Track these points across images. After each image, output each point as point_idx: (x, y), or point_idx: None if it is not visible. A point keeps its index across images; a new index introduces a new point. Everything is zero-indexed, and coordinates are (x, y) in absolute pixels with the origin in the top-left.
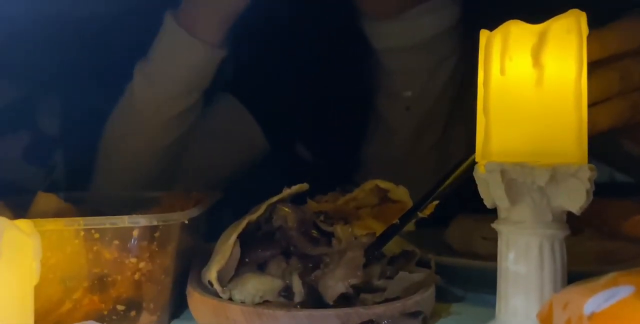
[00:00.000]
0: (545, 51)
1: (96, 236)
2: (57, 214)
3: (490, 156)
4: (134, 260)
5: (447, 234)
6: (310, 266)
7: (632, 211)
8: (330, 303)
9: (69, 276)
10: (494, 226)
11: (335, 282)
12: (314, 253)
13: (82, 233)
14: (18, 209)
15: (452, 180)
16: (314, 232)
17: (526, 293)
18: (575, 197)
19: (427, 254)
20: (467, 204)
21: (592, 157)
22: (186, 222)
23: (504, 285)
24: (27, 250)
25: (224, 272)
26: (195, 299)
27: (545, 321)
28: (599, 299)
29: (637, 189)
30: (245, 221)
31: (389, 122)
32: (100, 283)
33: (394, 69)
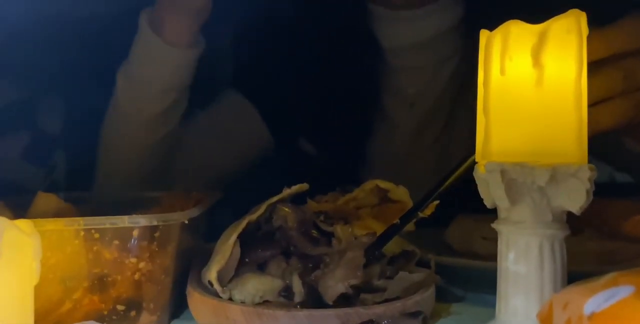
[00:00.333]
0: (545, 51)
1: (96, 236)
2: (57, 214)
3: (490, 156)
4: (134, 260)
5: (447, 234)
6: (310, 266)
7: (632, 211)
8: (330, 303)
9: (69, 276)
10: (494, 226)
11: (335, 282)
12: (314, 252)
13: (82, 233)
14: (18, 209)
15: (452, 180)
16: (314, 232)
17: (526, 293)
18: (575, 197)
19: (427, 254)
20: (467, 204)
21: (593, 156)
22: (186, 222)
23: (504, 285)
24: (27, 250)
25: (224, 272)
26: (195, 299)
27: (545, 321)
28: (599, 299)
29: (637, 189)
30: (245, 221)
31: (392, 118)
32: (100, 283)
33: (399, 67)
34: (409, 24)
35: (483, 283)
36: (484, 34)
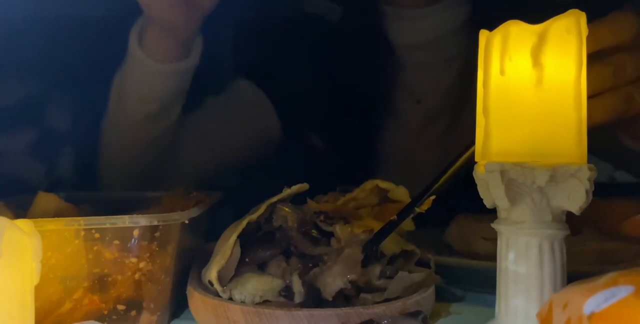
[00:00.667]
0: (545, 51)
1: (96, 235)
2: (57, 214)
3: (490, 156)
4: (134, 260)
5: (447, 234)
6: (310, 265)
7: (632, 211)
8: (329, 298)
9: (69, 275)
10: (494, 226)
11: (334, 278)
12: (314, 252)
13: (82, 233)
14: (18, 209)
15: (449, 175)
16: (314, 232)
17: (526, 293)
18: (575, 198)
19: (427, 254)
20: (467, 204)
21: (593, 155)
22: (186, 222)
23: (504, 285)
24: (28, 250)
25: (224, 272)
26: (196, 299)
27: (545, 320)
28: (598, 299)
29: (636, 189)
30: (245, 221)
31: (400, 114)
32: (100, 283)
33: (409, 64)
34: (417, 22)
35: (483, 283)
36: (483, 34)
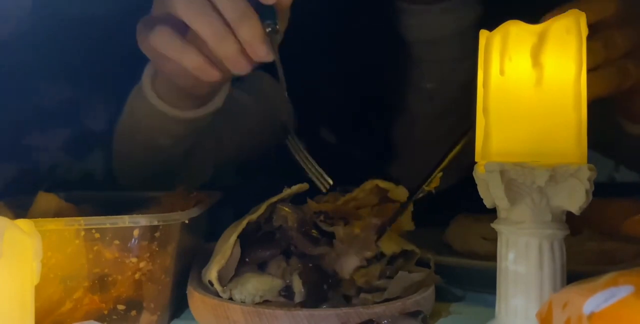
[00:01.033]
0: (545, 51)
1: (97, 235)
2: (58, 214)
3: (490, 156)
4: (134, 260)
5: (447, 234)
6: (310, 266)
7: (632, 211)
8: (347, 277)
9: (69, 275)
10: (493, 226)
11: (350, 257)
12: (314, 252)
13: (82, 233)
14: (18, 209)
15: (454, 154)
16: (314, 232)
17: (526, 293)
18: (574, 197)
19: (427, 254)
20: (467, 204)
21: (595, 150)
22: (186, 222)
23: (504, 285)
24: (28, 250)
25: (224, 272)
26: (196, 299)
27: (545, 320)
28: (598, 299)
29: (637, 189)
30: (245, 221)
31: (412, 110)
32: (100, 283)
33: (422, 60)
34: (431, 18)
35: (483, 283)
36: (483, 34)
